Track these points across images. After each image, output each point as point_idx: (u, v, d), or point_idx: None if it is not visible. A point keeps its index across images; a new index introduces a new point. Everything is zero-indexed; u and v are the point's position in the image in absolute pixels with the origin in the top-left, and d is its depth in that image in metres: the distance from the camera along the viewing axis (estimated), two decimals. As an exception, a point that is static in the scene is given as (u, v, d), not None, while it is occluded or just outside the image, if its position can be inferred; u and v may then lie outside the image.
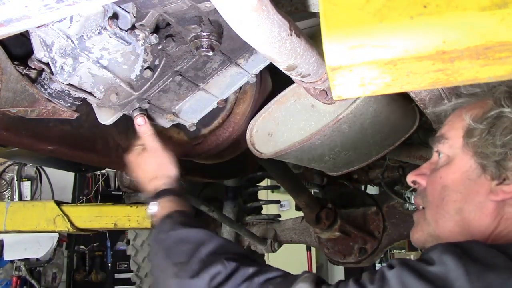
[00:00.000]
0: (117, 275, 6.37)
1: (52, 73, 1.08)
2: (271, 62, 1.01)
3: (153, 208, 1.24)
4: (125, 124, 1.57)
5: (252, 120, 1.46)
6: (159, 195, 1.25)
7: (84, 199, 5.10)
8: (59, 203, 2.71)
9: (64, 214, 2.64)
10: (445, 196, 0.97)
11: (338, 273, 6.80)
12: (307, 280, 0.88)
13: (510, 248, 0.82)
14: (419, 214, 1.06)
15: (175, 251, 1.07)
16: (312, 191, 2.76)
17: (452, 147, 0.99)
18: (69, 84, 1.09)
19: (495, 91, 0.94)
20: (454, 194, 0.95)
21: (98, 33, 1.01)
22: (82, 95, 1.13)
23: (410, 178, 1.10)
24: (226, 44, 1.18)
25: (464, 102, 1.04)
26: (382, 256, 2.73)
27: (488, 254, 0.79)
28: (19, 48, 1.13)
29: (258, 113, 1.46)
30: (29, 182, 4.05)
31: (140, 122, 1.28)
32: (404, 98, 1.33)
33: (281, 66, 0.95)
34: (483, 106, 0.95)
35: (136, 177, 1.35)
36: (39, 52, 1.07)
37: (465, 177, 0.95)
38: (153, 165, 1.30)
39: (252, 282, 0.92)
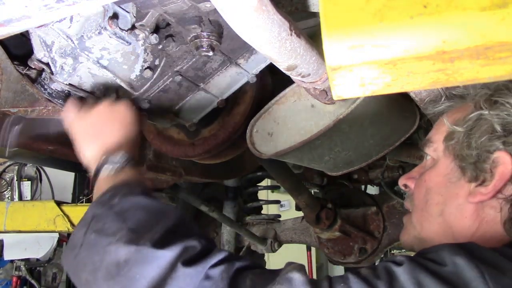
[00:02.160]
0: (117, 275, 6.36)
1: (52, 73, 1.08)
2: (271, 62, 1.01)
3: (109, 168, 1.01)
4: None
5: (252, 120, 1.45)
6: (122, 159, 1.04)
7: (84, 199, 5.09)
8: (59, 203, 2.72)
9: (64, 214, 2.65)
10: (428, 199, 0.98)
11: (338, 273, 6.80)
12: (299, 270, 0.78)
13: (506, 251, 0.81)
14: (407, 217, 1.07)
15: (133, 217, 0.87)
16: (312, 191, 2.75)
17: (436, 151, 1.00)
18: (69, 84, 1.09)
19: (476, 93, 0.95)
20: (436, 196, 0.96)
21: (98, 33, 1.01)
22: (82, 95, 1.13)
23: (401, 181, 1.11)
24: (226, 44, 1.18)
25: (452, 105, 1.04)
26: (382, 256, 2.72)
27: (493, 257, 0.78)
28: (19, 48, 1.13)
29: (258, 113, 1.46)
30: (29, 182, 4.06)
31: None
32: (404, 98, 1.32)
33: (281, 66, 0.95)
34: (465, 110, 0.96)
35: (93, 126, 1.08)
36: (39, 52, 1.07)
37: (447, 180, 0.95)
38: (123, 122, 1.10)
39: (232, 265, 0.79)
